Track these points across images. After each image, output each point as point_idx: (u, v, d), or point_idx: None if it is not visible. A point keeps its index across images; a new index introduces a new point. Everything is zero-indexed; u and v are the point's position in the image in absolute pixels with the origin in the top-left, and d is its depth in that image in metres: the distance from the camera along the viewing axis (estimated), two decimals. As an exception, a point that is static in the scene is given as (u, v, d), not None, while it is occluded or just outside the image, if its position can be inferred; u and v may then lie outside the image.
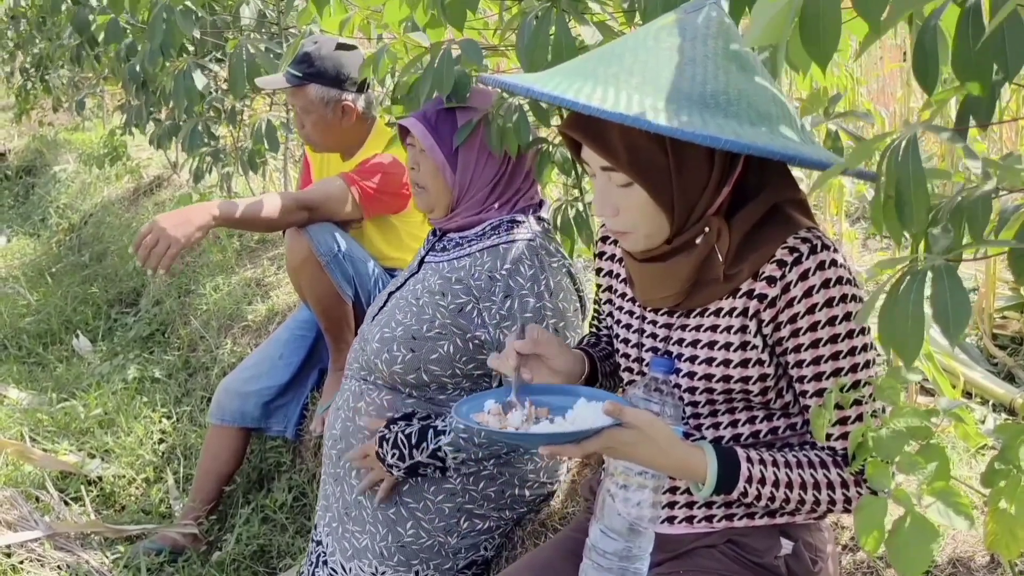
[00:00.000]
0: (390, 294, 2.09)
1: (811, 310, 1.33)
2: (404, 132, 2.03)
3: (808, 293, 1.32)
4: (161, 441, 3.39)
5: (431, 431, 1.93)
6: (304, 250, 2.57)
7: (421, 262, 2.07)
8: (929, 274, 0.87)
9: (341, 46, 2.62)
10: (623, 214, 1.37)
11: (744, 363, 1.38)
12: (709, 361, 1.41)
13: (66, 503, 3.04)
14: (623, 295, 1.57)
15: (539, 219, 2.01)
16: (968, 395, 2.35)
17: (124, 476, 3.18)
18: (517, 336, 1.49)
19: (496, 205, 1.98)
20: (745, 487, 1.35)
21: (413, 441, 1.93)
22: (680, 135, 1.20)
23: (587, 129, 1.34)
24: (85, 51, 5.00)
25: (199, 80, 3.31)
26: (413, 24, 2.06)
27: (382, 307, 2.08)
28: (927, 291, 0.87)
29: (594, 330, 1.73)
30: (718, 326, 1.40)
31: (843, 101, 3.29)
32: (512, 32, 1.81)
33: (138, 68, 3.96)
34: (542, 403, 1.44)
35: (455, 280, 1.94)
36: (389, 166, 2.68)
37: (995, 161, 0.88)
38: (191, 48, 3.97)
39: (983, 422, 2.20)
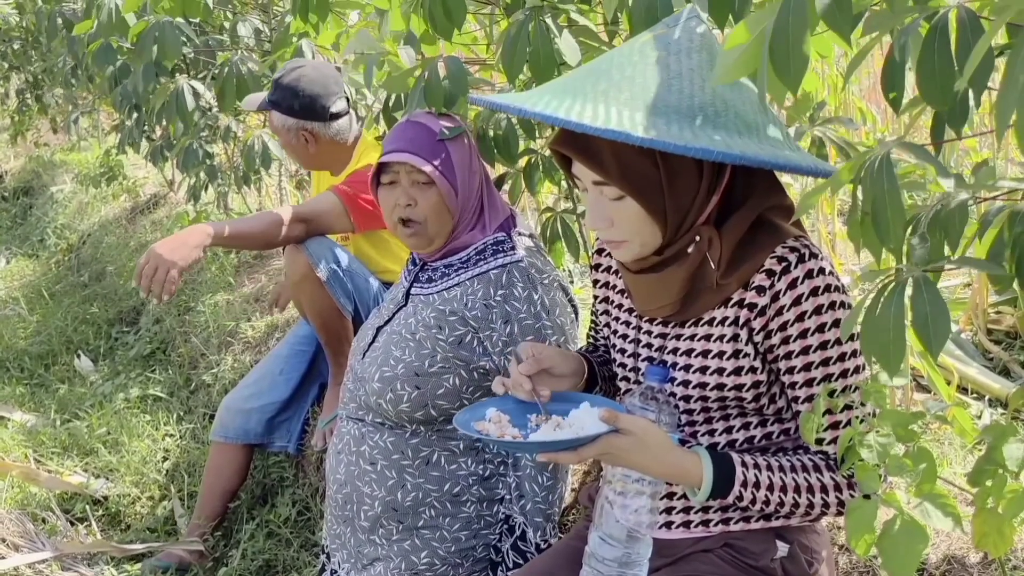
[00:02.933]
0: (378, 328, 2.03)
1: (800, 318, 1.35)
2: (378, 172, 1.94)
3: (797, 302, 1.35)
4: (165, 459, 3.40)
5: (518, 544, 1.93)
6: (303, 266, 2.58)
7: (407, 294, 2.01)
8: (909, 284, 0.88)
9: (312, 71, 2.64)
10: (617, 226, 1.39)
11: (737, 371, 1.41)
12: (703, 369, 1.43)
13: (72, 523, 3.05)
14: (619, 305, 1.59)
15: (520, 235, 1.96)
16: (964, 390, 2.36)
17: (129, 495, 3.19)
18: (517, 361, 1.50)
19: (477, 223, 1.94)
20: (740, 491, 1.37)
21: (521, 547, 1.93)
22: (674, 149, 1.23)
23: (578, 145, 1.36)
24: (79, 73, 5.03)
25: (190, 103, 3.33)
26: (409, 36, 2.07)
27: (372, 342, 2.02)
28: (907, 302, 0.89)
29: (591, 339, 1.76)
30: (711, 335, 1.42)
31: (833, 98, 3.30)
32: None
33: (130, 89, 3.99)
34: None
35: (449, 312, 1.90)
36: None
37: (964, 178, 0.90)
38: (184, 66, 4.00)
39: (979, 418, 2.21)
